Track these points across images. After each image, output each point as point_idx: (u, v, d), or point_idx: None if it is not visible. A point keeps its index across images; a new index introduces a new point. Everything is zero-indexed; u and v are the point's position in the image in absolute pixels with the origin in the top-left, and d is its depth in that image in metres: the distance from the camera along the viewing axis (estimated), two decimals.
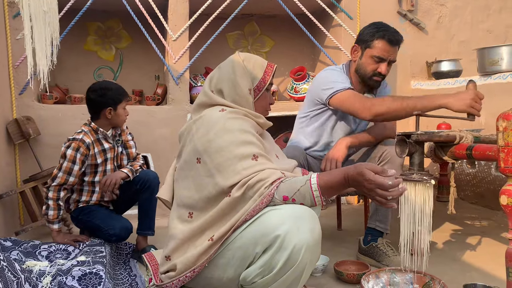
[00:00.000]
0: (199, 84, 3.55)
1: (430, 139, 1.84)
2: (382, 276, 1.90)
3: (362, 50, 2.33)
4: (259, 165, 1.40)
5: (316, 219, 1.35)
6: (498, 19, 4.14)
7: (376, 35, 2.27)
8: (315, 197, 1.35)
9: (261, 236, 1.32)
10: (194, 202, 1.48)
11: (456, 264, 2.26)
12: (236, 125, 1.47)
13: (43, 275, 1.88)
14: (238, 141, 1.43)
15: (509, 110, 1.45)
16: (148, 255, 1.82)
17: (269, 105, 1.69)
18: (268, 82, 1.63)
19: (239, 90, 1.56)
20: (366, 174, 1.27)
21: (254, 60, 1.63)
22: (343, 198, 3.63)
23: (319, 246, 1.35)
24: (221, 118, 1.48)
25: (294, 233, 1.28)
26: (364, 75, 2.32)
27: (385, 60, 2.28)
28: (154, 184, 2.48)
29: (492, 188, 3.25)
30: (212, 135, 1.45)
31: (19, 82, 3.06)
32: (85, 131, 2.39)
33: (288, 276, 1.31)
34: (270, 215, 1.34)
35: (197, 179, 1.48)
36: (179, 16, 3.39)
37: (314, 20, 3.62)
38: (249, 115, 1.55)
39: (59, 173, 2.30)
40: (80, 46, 3.83)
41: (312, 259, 1.33)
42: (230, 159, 1.41)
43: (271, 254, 1.30)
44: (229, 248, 1.40)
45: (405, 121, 3.44)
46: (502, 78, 3.13)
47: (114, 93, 2.42)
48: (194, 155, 1.49)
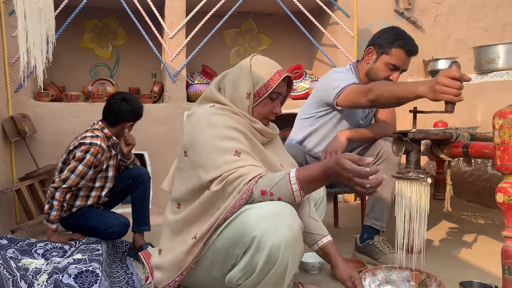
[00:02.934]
0: (196, 82, 3.54)
1: (426, 137, 1.84)
2: (378, 274, 1.91)
3: (377, 54, 2.29)
4: (241, 161, 1.39)
5: (295, 215, 1.32)
6: (495, 17, 4.16)
7: (395, 43, 2.23)
8: (294, 191, 1.33)
9: (239, 237, 1.32)
10: (182, 194, 1.51)
11: (453, 261, 2.26)
12: (221, 120, 1.46)
13: (39, 273, 1.87)
14: (221, 135, 1.43)
15: (505, 108, 1.45)
16: (145, 253, 1.82)
17: (272, 114, 1.63)
18: (271, 90, 1.56)
19: (238, 92, 1.55)
20: (343, 163, 1.26)
21: (264, 65, 1.59)
22: (340, 196, 3.64)
23: (300, 242, 1.32)
24: (207, 113, 1.48)
25: (271, 232, 1.26)
26: (375, 79, 2.29)
27: (399, 69, 2.27)
28: (146, 179, 2.48)
29: (489, 186, 3.26)
30: (197, 129, 1.46)
31: (15, 80, 3.04)
32: (100, 136, 2.35)
33: (272, 275, 1.29)
34: (246, 214, 1.33)
35: (184, 172, 1.50)
36: (176, 13, 3.38)
37: (311, 18, 3.61)
38: (239, 114, 1.53)
39: (72, 175, 2.26)
40: (77, 43, 3.82)
41: (294, 256, 1.31)
42: (211, 153, 1.41)
43: (250, 255, 1.29)
44: (211, 250, 1.41)
45: (402, 119, 3.45)
46: (499, 76, 3.14)
47: (139, 108, 2.47)
48: (182, 149, 1.51)
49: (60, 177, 2.26)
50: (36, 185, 2.84)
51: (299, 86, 3.72)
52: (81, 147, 2.28)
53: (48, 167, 2.88)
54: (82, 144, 2.28)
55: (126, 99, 2.41)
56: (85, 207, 2.42)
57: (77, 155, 2.27)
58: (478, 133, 1.94)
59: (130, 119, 2.45)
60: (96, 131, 2.37)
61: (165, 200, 3.28)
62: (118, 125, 2.43)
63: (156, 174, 3.32)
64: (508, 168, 1.43)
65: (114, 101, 2.41)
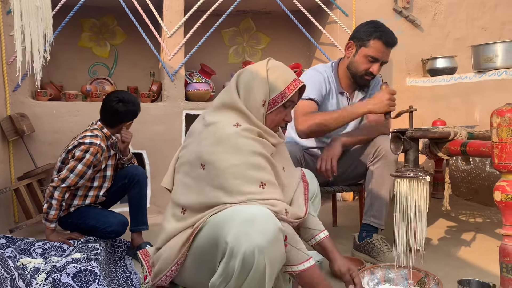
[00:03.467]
0: (194, 80, 3.54)
1: (424, 136, 1.85)
2: (377, 272, 1.91)
3: (356, 47, 2.33)
4: (264, 194, 1.40)
5: (269, 218, 1.29)
6: (493, 16, 4.15)
7: (373, 35, 2.27)
8: (292, 270, 1.42)
9: (214, 244, 1.32)
10: (192, 204, 1.47)
11: (451, 259, 2.27)
12: (248, 146, 1.43)
13: (37, 272, 1.87)
14: (247, 163, 1.40)
15: (503, 106, 1.45)
16: (143, 252, 1.82)
17: (283, 121, 1.60)
18: (287, 99, 1.53)
19: (253, 98, 1.51)
20: None
21: (280, 72, 1.55)
22: (338, 194, 3.64)
23: (276, 245, 1.29)
24: (234, 134, 1.42)
25: (242, 238, 1.23)
26: (355, 72, 2.34)
27: (378, 61, 2.30)
28: (142, 179, 2.47)
29: (487, 184, 3.26)
30: (221, 149, 1.41)
31: (13, 79, 3.04)
32: (100, 136, 2.34)
33: (251, 280, 1.27)
34: (221, 217, 1.33)
35: (199, 184, 1.46)
36: (174, 12, 3.38)
37: (310, 17, 3.61)
38: (263, 134, 1.50)
39: (71, 175, 2.25)
40: (75, 42, 3.81)
41: (272, 260, 1.27)
42: (236, 179, 1.38)
43: (226, 262, 1.27)
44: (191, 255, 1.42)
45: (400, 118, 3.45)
46: (497, 75, 3.14)
47: (137, 108, 2.45)
48: (198, 161, 1.45)
49: (59, 176, 2.26)
50: (34, 184, 2.83)
51: None
52: (81, 147, 2.27)
53: (47, 166, 2.88)
54: (82, 144, 2.27)
55: (121, 100, 2.38)
56: (82, 207, 2.41)
57: (77, 155, 2.26)
58: (476, 132, 1.94)
59: (128, 119, 2.45)
60: (95, 131, 2.36)
61: (163, 199, 3.29)
62: (116, 126, 2.43)
63: (155, 173, 3.32)
64: (506, 166, 1.43)
65: (110, 104, 2.38)
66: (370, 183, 2.27)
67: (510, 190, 1.42)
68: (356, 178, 2.50)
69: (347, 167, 2.44)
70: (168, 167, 1.66)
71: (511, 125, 1.41)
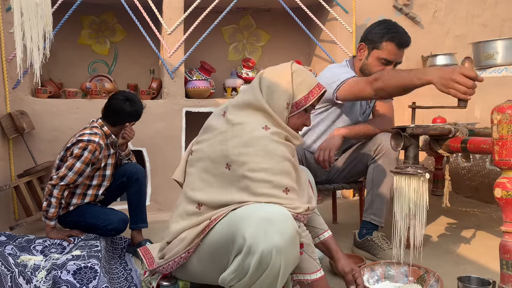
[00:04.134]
0: (194, 78, 3.53)
1: (425, 132, 1.84)
2: (377, 269, 1.91)
3: (369, 50, 2.29)
4: (287, 200, 1.42)
5: (288, 219, 1.31)
6: (494, 13, 4.15)
7: (385, 36, 2.22)
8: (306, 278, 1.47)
9: (230, 240, 1.32)
10: (210, 200, 1.47)
11: (451, 256, 2.27)
12: (279, 151, 1.44)
13: (37, 269, 1.87)
14: (276, 168, 1.42)
15: (504, 103, 1.45)
16: (143, 249, 1.82)
17: (303, 126, 1.63)
18: (310, 103, 1.56)
19: (276, 100, 1.52)
20: None
21: (304, 76, 1.57)
22: (339, 192, 3.64)
23: (293, 246, 1.31)
24: (264, 138, 1.44)
25: (260, 237, 1.25)
26: (369, 75, 2.28)
27: (391, 63, 2.25)
28: (141, 176, 2.47)
29: (487, 181, 3.26)
30: (251, 152, 1.42)
31: (12, 76, 3.03)
32: (99, 134, 2.33)
33: (264, 279, 1.28)
34: (239, 215, 1.34)
35: (222, 182, 1.47)
36: (174, 9, 3.37)
37: (310, 14, 3.61)
38: (290, 137, 1.52)
39: (69, 173, 2.24)
40: (74, 40, 3.80)
41: (287, 260, 1.29)
42: (264, 182, 1.40)
43: (241, 259, 1.28)
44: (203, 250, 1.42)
45: (401, 114, 3.45)
46: (497, 72, 3.14)
47: (142, 109, 2.45)
48: (224, 159, 1.46)
49: (57, 174, 2.25)
50: (34, 181, 2.83)
51: None
52: (79, 144, 2.26)
53: (46, 164, 2.88)
54: (80, 141, 2.27)
55: (129, 99, 2.38)
56: (82, 205, 2.41)
57: (75, 152, 2.26)
58: (477, 129, 1.95)
59: (132, 120, 2.44)
60: (95, 129, 2.35)
61: (164, 196, 3.29)
62: (119, 125, 2.42)
63: (155, 170, 3.32)
64: (506, 163, 1.43)
65: (116, 102, 2.37)
66: (371, 180, 2.27)
67: (510, 187, 1.42)
68: (357, 175, 2.50)
69: (348, 164, 2.44)
70: (180, 161, 1.66)
71: (511, 122, 1.41)
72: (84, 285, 1.79)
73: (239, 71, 3.85)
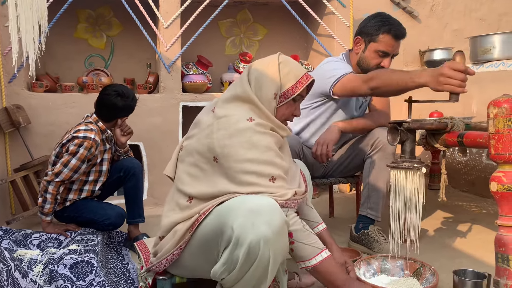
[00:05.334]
0: (191, 72, 3.52)
1: (421, 127, 1.84)
2: (373, 263, 1.92)
3: (365, 43, 2.29)
4: (273, 188, 1.42)
5: (276, 210, 1.31)
6: (491, 7, 4.14)
7: (382, 29, 2.22)
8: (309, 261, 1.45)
9: (219, 233, 1.32)
10: (199, 193, 1.48)
11: (447, 250, 2.28)
12: (263, 142, 1.45)
13: (34, 264, 1.87)
14: (261, 158, 1.43)
15: (500, 97, 1.45)
16: (140, 243, 1.83)
17: (292, 116, 1.63)
18: (298, 93, 1.56)
19: (264, 91, 1.52)
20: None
21: (291, 66, 1.58)
22: (335, 186, 3.65)
23: (282, 237, 1.31)
24: (248, 129, 1.44)
25: (248, 229, 1.25)
26: (367, 68, 2.29)
27: (389, 55, 2.26)
28: (138, 171, 2.46)
29: (483, 176, 3.27)
30: (236, 143, 1.43)
31: (8, 70, 3.02)
32: (95, 130, 2.31)
33: (254, 270, 1.28)
34: (227, 207, 1.34)
35: (210, 175, 1.47)
36: (170, 3, 3.35)
37: (307, 8, 3.59)
38: (275, 129, 1.53)
39: (65, 169, 2.23)
40: (71, 33, 3.78)
41: (276, 251, 1.29)
42: (250, 173, 1.41)
43: (230, 251, 1.29)
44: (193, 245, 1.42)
45: (398, 109, 3.45)
46: (494, 66, 3.14)
47: (135, 103, 2.42)
48: (211, 153, 1.46)
49: (53, 171, 2.24)
50: (31, 176, 2.83)
51: None
52: (75, 141, 2.24)
53: (43, 158, 2.87)
54: (76, 138, 2.24)
55: (120, 94, 2.34)
56: (79, 200, 2.41)
57: (70, 149, 2.24)
58: (473, 123, 1.95)
59: (126, 114, 2.42)
60: (90, 124, 2.33)
61: (161, 191, 3.28)
62: (112, 120, 2.41)
63: (152, 165, 3.32)
64: (502, 157, 1.43)
65: (108, 97, 2.33)
66: (368, 174, 2.27)
67: (506, 181, 1.43)
68: (353, 170, 2.50)
69: (345, 158, 2.44)
70: (172, 156, 1.65)
71: (508, 116, 1.41)
72: (80, 279, 1.79)
73: (236, 65, 3.84)
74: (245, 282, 1.31)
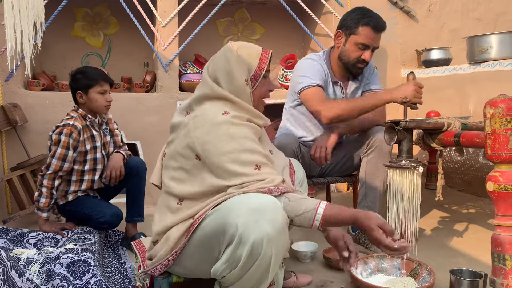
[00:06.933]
0: (189, 71, 3.52)
1: (418, 126, 1.85)
2: (370, 262, 1.92)
3: (346, 36, 2.32)
4: (260, 175, 1.41)
5: (278, 208, 1.32)
6: (488, 7, 4.15)
7: (361, 21, 2.25)
8: (314, 223, 1.39)
9: (221, 231, 1.32)
10: (187, 193, 1.48)
11: (443, 250, 2.29)
12: (241, 133, 1.45)
13: (31, 263, 1.86)
14: (242, 148, 1.42)
15: (497, 97, 1.46)
16: (137, 243, 1.82)
17: (268, 92, 1.64)
18: (265, 69, 1.58)
19: (235, 81, 1.53)
20: (374, 232, 1.35)
21: (248, 48, 1.59)
22: (333, 185, 3.65)
23: (283, 235, 1.31)
24: (224, 123, 1.44)
25: (251, 227, 1.25)
26: (347, 62, 2.32)
27: (369, 47, 2.29)
28: (141, 170, 2.46)
29: (480, 175, 3.28)
30: (214, 138, 1.43)
31: (4, 69, 3.00)
32: (75, 116, 2.34)
33: (256, 269, 1.29)
34: (229, 206, 1.34)
35: (194, 174, 1.47)
36: (168, 2, 3.35)
37: (305, 7, 3.59)
38: (252, 119, 1.53)
39: (53, 160, 2.25)
40: (68, 32, 3.77)
41: (278, 250, 1.30)
42: (232, 165, 1.40)
43: (232, 249, 1.29)
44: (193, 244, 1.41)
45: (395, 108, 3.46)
46: (491, 66, 3.15)
47: (85, 77, 2.35)
48: (192, 152, 1.46)
49: (44, 165, 2.28)
50: (27, 175, 2.82)
51: None
52: (56, 130, 2.29)
53: (40, 157, 2.87)
54: (57, 127, 2.29)
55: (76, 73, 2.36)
56: (82, 196, 2.41)
57: (53, 138, 2.28)
58: (470, 123, 1.95)
59: (75, 90, 2.36)
60: (71, 113, 2.37)
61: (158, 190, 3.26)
62: (75, 100, 2.38)
63: (149, 164, 3.27)
64: (499, 157, 1.44)
65: (70, 81, 2.39)
66: (364, 174, 2.27)
67: (502, 181, 1.43)
68: (350, 169, 2.50)
69: (341, 158, 2.44)
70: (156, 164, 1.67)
71: (504, 116, 1.42)
72: (77, 279, 1.79)
73: None
74: (245, 280, 1.32)
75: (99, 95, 2.35)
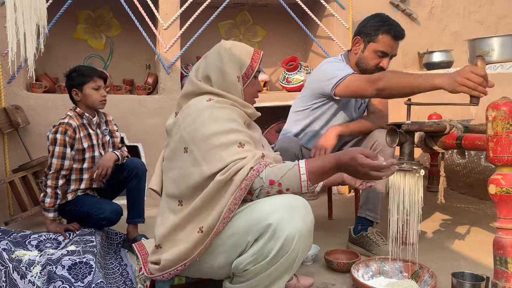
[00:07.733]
0: None
1: (420, 129, 1.85)
2: (371, 265, 1.92)
3: (365, 43, 2.31)
4: (245, 152, 1.40)
5: (309, 208, 1.35)
6: (490, 10, 4.15)
7: (381, 29, 2.24)
8: (302, 181, 1.36)
9: (253, 224, 1.33)
10: (182, 192, 1.48)
11: (445, 252, 2.28)
12: (223, 114, 1.46)
13: (32, 265, 1.87)
14: (224, 129, 1.43)
15: (499, 100, 1.46)
16: (138, 245, 1.82)
17: (257, 92, 1.68)
18: (256, 69, 1.62)
19: (228, 77, 1.55)
20: (359, 159, 1.32)
21: (240, 47, 1.62)
22: (334, 188, 3.65)
23: (311, 235, 1.36)
24: (208, 107, 1.47)
25: (286, 222, 1.29)
26: (365, 68, 2.31)
27: (388, 55, 2.28)
28: (141, 171, 2.46)
29: (482, 178, 3.28)
30: (198, 124, 1.45)
31: (7, 71, 3.01)
32: (71, 115, 2.39)
33: (281, 264, 1.32)
34: (261, 203, 1.35)
35: (184, 169, 1.47)
36: (170, 4, 3.35)
37: (307, 9, 3.60)
38: (236, 104, 1.54)
39: (53, 159, 2.29)
40: (70, 34, 3.78)
41: (305, 248, 1.34)
42: (216, 146, 1.40)
43: (264, 242, 1.31)
44: (220, 237, 1.39)
45: (396, 111, 3.45)
46: (493, 69, 3.14)
47: (79, 74, 2.41)
48: (181, 145, 1.48)
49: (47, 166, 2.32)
50: (29, 176, 2.82)
51: (294, 78, 3.71)
52: (52, 129, 2.34)
53: (42, 159, 2.87)
54: (53, 127, 2.34)
55: (70, 73, 2.42)
56: (81, 195, 2.42)
57: (50, 138, 2.32)
58: (472, 125, 1.95)
59: (70, 87, 2.42)
60: (68, 112, 2.42)
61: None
62: (72, 99, 2.43)
63: (151, 166, 3.30)
64: (501, 159, 1.44)
65: (66, 82, 2.45)
66: None
67: (504, 183, 1.43)
68: None
69: None
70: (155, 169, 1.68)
71: (506, 119, 1.42)
72: (79, 281, 1.79)
73: None
74: (266, 275, 1.34)
75: (93, 91, 2.40)
